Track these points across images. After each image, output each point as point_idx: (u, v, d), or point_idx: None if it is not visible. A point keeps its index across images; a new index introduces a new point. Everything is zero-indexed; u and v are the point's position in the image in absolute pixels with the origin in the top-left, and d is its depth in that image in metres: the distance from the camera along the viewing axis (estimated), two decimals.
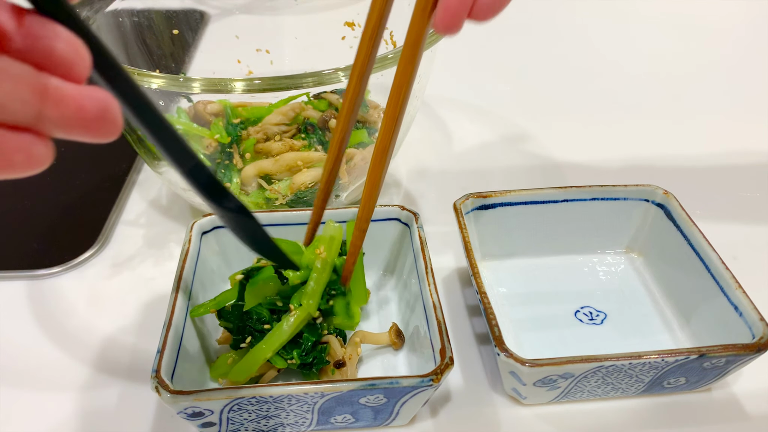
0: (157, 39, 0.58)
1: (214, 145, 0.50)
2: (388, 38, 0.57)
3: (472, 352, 0.44)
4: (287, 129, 0.51)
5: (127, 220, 0.56)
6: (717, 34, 0.87)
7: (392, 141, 0.36)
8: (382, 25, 0.34)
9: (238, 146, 0.50)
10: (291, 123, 0.51)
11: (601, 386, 0.39)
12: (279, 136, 0.51)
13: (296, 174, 0.50)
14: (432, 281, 0.41)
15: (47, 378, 0.43)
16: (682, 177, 0.60)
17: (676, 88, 0.74)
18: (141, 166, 0.62)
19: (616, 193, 0.48)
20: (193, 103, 0.53)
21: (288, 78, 0.41)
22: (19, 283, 0.49)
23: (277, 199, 0.50)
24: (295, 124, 0.51)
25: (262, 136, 0.51)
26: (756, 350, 0.36)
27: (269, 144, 0.50)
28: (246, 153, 0.50)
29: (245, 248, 0.46)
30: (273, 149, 0.50)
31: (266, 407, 0.35)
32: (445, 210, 0.49)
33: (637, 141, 0.66)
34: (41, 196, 0.58)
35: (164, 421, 0.40)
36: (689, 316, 0.44)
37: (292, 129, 0.52)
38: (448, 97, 0.73)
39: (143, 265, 0.51)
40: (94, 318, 0.47)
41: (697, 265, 0.43)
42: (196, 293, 0.42)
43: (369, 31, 0.34)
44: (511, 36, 0.87)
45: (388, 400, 0.36)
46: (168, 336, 0.37)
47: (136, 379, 0.42)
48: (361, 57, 0.35)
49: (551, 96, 0.74)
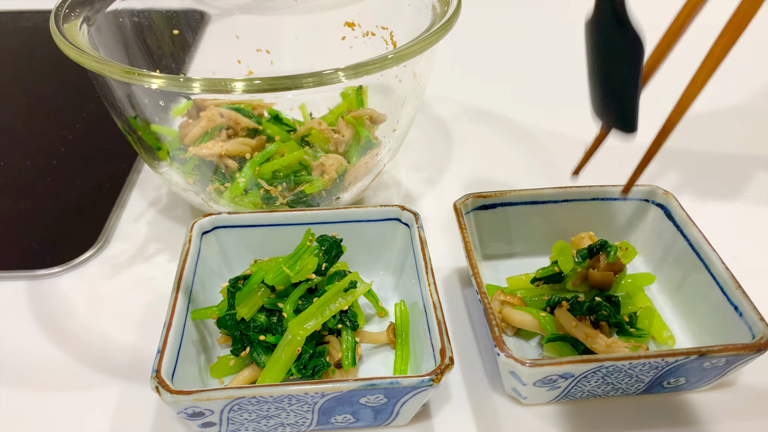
0: (158, 39, 0.58)
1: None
2: (388, 38, 0.57)
3: (472, 352, 0.44)
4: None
5: (127, 220, 0.56)
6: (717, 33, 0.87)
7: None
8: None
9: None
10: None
11: (601, 386, 0.39)
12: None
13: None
14: (432, 281, 0.41)
15: (47, 378, 0.43)
16: (682, 177, 0.60)
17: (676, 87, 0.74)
18: (141, 166, 0.62)
19: (616, 193, 0.48)
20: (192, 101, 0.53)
21: (288, 78, 0.40)
22: (19, 283, 0.49)
23: (277, 198, 0.50)
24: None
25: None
26: (756, 350, 0.36)
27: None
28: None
29: (245, 248, 0.47)
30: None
31: (266, 407, 0.35)
32: (445, 210, 0.49)
33: (637, 141, 0.65)
34: (41, 196, 0.58)
35: (164, 421, 0.40)
36: (689, 316, 0.44)
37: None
38: (448, 97, 0.73)
39: (143, 265, 0.51)
40: (94, 318, 0.47)
41: (697, 265, 0.43)
42: (196, 293, 0.42)
43: None
44: (511, 36, 0.87)
45: (389, 400, 0.36)
46: (168, 336, 0.37)
47: (136, 379, 0.42)
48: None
49: (551, 96, 0.74)
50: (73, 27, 0.47)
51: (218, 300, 0.44)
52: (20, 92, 0.76)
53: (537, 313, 0.43)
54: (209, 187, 0.50)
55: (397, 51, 0.43)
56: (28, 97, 0.75)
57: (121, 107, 0.48)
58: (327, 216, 0.46)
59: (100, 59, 0.43)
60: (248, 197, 0.50)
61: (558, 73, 0.78)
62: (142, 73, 0.41)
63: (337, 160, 0.50)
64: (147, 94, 0.46)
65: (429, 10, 0.51)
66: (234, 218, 0.46)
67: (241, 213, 0.46)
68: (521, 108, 0.71)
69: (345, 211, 0.47)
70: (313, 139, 0.51)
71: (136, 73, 0.41)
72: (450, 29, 0.46)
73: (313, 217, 0.46)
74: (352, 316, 0.42)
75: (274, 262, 0.43)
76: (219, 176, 0.50)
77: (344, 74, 0.41)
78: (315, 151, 0.51)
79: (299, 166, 0.50)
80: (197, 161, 0.49)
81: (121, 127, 0.50)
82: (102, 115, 0.54)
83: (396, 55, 0.43)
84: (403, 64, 0.44)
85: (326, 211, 0.46)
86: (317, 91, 0.42)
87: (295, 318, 0.39)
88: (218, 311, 0.42)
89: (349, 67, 0.41)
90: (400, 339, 0.43)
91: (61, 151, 0.64)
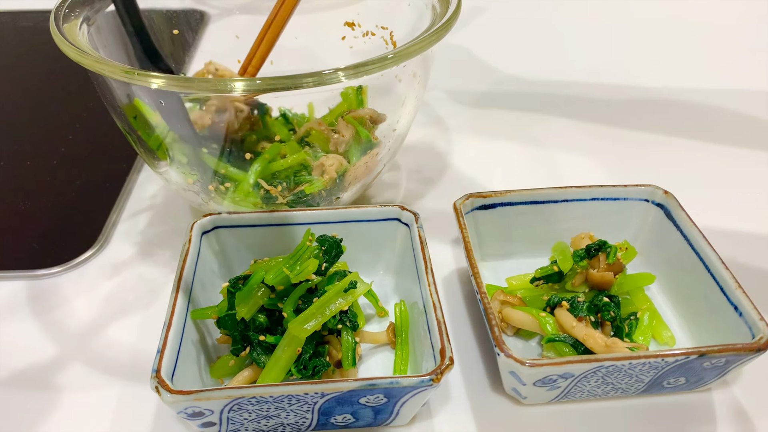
0: (157, 39, 0.58)
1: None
2: (388, 38, 0.57)
3: (472, 352, 0.44)
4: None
5: (127, 220, 0.56)
6: (717, 33, 0.87)
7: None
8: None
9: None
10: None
11: (601, 386, 0.39)
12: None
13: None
14: (432, 281, 0.41)
15: (47, 378, 0.43)
16: (682, 177, 0.60)
17: (676, 87, 0.74)
18: (141, 166, 0.62)
19: (616, 193, 0.48)
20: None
21: (288, 78, 0.40)
22: (19, 283, 0.49)
23: (276, 198, 0.50)
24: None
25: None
26: (756, 350, 0.36)
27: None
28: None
29: (245, 248, 0.47)
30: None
31: (266, 407, 0.35)
32: (445, 210, 0.49)
33: (637, 141, 0.66)
34: (41, 196, 0.58)
35: (164, 421, 0.40)
36: (689, 316, 0.44)
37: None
38: (448, 97, 0.73)
39: (143, 265, 0.51)
40: (93, 318, 0.47)
41: (697, 265, 0.43)
42: (196, 293, 0.42)
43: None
44: (511, 36, 0.87)
45: (388, 400, 0.36)
46: (168, 336, 0.37)
47: (136, 379, 0.42)
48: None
49: (551, 96, 0.74)
50: (73, 27, 0.47)
51: (218, 300, 0.44)
52: (20, 92, 0.76)
53: (537, 313, 0.43)
54: (210, 186, 0.50)
55: (397, 51, 0.43)
56: (28, 97, 0.75)
57: (121, 107, 0.48)
58: (327, 216, 0.46)
59: (100, 59, 0.43)
60: (248, 197, 0.50)
61: (558, 73, 0.78)
62: (142, 73, 0.41)
63: (337, 160, 0.50)
64: (147, 94, 0.46)
65: (429, 10, 0.51)
66: (234, 218, 0.46)
67: (241, 213, 0.46)
68: (521, 108, 0.71)
69: (345, 211, 0.47)
70: (313, 139, 0.51)
71: (136, 73, 0.41)
72: (450, 29, 0.46)
73: (313, 217, 0.46)
74: (352, 316, 0.42)
75: (274, 262, 0.43)
76: (219, 176, 0.50)
77: (344, 74, 0.41)
78: (315, 151, 0.51)
79: (299, 166, 0.50)
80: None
81: (121, 127, 0.50)
82: (102, 115, 0.54)
83: (396, 55, 0.43)
84: (403, 64, 0.44)
85: (326, 211, 0.46)
86: (317, 91, 0.43)
87: (295, 318, 0.39)
88: (218, 311, 0.42)
89: (349, 67, 0.41)
90: (400, 339, 0.43)
91: (61, 151, 0.64)
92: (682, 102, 0.72)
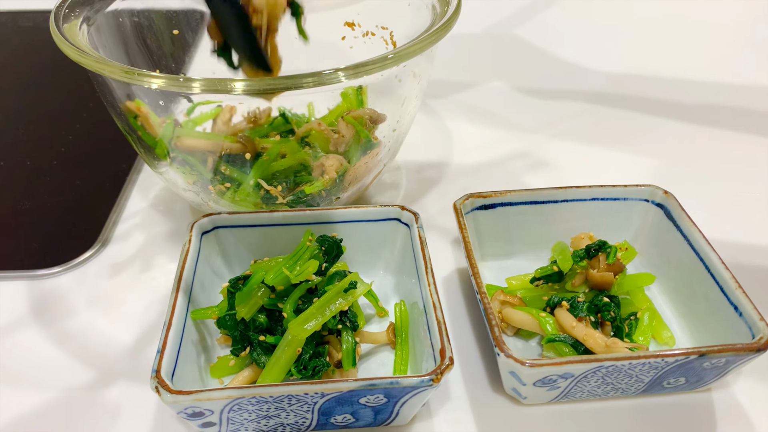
0: (158, 39, 0.58)
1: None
2: (388, 38, 0.57)
3: (472, 352, 0.44)
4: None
5: (127, 220, 0.56)
6: (717, 33, 0.87)
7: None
8: None
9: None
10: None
11: (601, 386, 0.39)
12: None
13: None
14: (432, 281, 0.41)
15: (47, 378, 0.43)
16: (682, 177, 0.60)
17: (676, 87, 0.74)
18: (141, 166, 0.62)
19: (616, 193, 0.48)
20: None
21: (288, 78, 0.41)
22: (19, 283, 0.49)
23: (276, 198, 0.50)
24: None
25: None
26: (756, 350, 0.36)
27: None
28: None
29: (245, 248, 0.47)
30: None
31: (266, 407, 0.35)
32: (445, 210, 0.49)
33: (637, 141, 0.66)
34: (41, 196, 0.58)
35: (164, 421, 0.40)
36: (689, 316, 0.44)
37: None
38: (448, 97, 0.73)
39: (143, 265, 0.51)
40: (94, 318, 0.47)
41: (697, 265, 0.43)
42: (196, 293, 0.42)
43: None
44: (511, 35, 0.87)
45: (388, 400, 0.36)
46: (168, 336, 0.37)
47: (136, 379, 0.42)
48: None
49: (551, 96, 0.74)
50: (73, 27, 0.47)
51: (218, 300, 0.44)
52: (20, 92, 0.76)
53: (537, 313, 0.43)
54: (210, 186, 0.50)
55: (397, 51, 0.43)
56: (28, 97, 0.75)
57: (121, 107, 0.48)
58: (327, 216, 0.46)
59: (100, 59, 0.43)
60: (248, 197, 0.50)
61: (558, 73, 0.78)
62: (142, 73, 0.41)
63: (337, 160, 0.50)
64: (147, 94, 0.46)
65: (429, 10, 0.51)
66: (234, 218, 0.46)
67: (241, 213, 0.46)
68: (521, 108, 0.71)
69: (345, 211, 0.47)
70: (313, 140, 0.51)
71: (136, 73, 0.41)
72: (450, 29, 0.46)
73: (313, 217, 0.46)
74: (352, 317, 0.42)
75: (274, 262, 0.43)
76: (219, 176, 0.50)
77: (344, 74, 0.41)
78: (315, 151, 0.51)
79: (299, 167, 0.50)
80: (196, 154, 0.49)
81: (121, 127, 0.50)
82: (102, 115, 0.54)
83: (396, 55, 0.43)
84: (403, 64, 0.44)
85: (326, 211, 0.47)
86: (317, 91, 0.43)
87: (296, 318, 0.39)
88: (218, 311, 0.42)
89: (349, 67, 0.41)
90: (400, 339, 0.43)
91: (61, 151, 0.64)
92: (682, 102, 0.72)
